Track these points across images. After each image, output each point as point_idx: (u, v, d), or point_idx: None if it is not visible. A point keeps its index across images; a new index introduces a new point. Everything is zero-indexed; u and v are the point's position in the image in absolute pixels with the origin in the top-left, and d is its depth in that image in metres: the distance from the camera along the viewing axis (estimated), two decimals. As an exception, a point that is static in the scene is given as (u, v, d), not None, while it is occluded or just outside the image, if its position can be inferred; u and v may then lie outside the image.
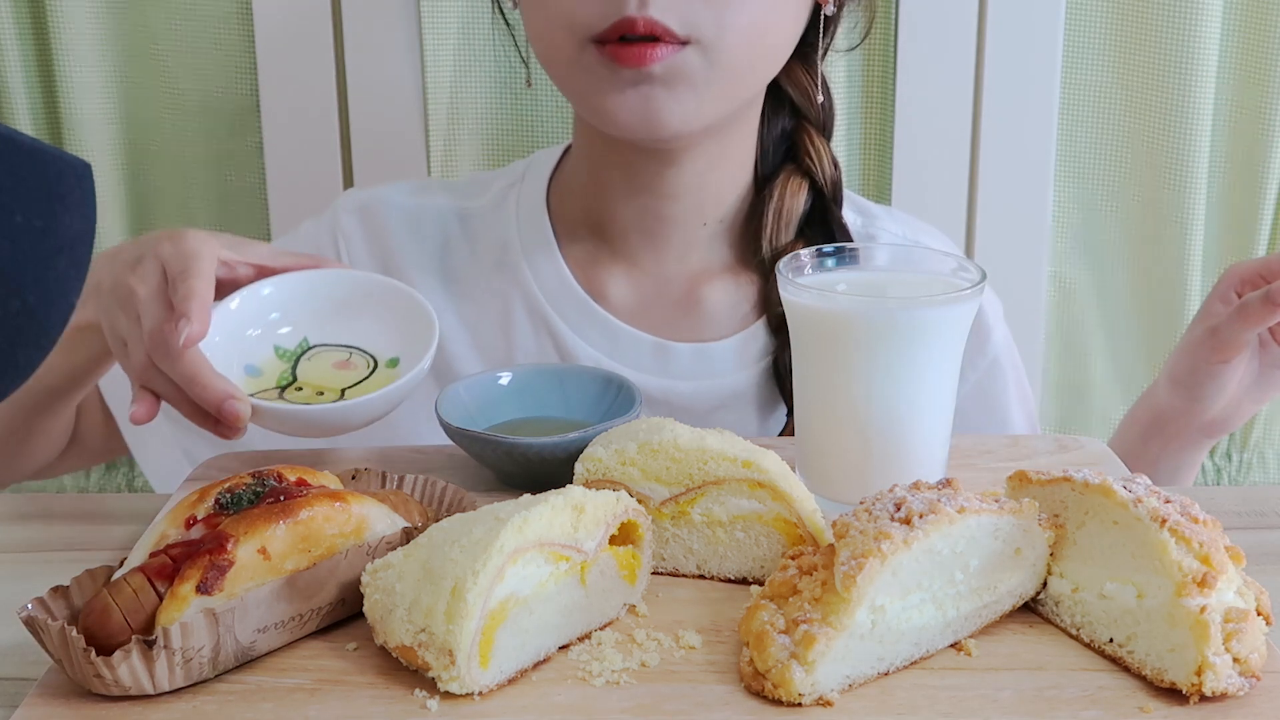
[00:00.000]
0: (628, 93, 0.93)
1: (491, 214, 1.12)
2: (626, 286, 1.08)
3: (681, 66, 0.92)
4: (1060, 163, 1.42)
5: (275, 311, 0.89)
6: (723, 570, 0.76)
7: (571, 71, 0.95)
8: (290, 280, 0.89)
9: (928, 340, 0.79)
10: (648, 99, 0.93)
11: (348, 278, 0.92)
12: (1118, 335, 1.47)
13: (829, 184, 1.08)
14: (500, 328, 1.09)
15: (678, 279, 1.08)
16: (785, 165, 1.08)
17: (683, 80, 0.92)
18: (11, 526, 0.88)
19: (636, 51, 0.90)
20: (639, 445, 0.75)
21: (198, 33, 1.38)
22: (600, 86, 0.94)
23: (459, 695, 0.63)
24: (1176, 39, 1.34)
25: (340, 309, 0.90)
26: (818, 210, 1.08)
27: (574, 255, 1.09)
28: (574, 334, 1.07)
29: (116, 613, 0.63)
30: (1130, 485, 0.68)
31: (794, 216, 1.06)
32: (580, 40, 0.93)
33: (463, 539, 0.64)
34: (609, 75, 0.92)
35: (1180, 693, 0.63)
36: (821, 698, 0.63)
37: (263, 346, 0.88)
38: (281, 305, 0.89)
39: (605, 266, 1.08)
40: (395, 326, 0.89)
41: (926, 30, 1.36)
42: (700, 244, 1.08)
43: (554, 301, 1.08)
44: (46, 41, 1.39)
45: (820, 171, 1.07)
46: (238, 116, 1.42)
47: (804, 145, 1.07)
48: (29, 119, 1.41)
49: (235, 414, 0.80)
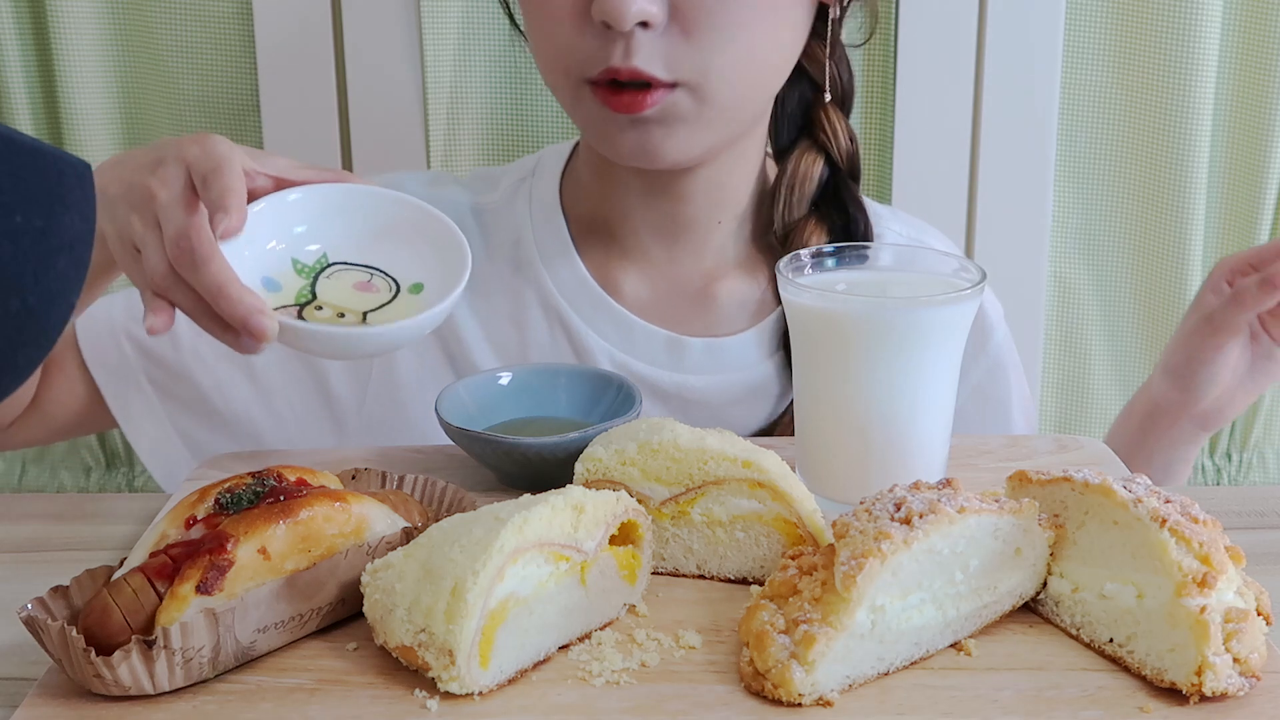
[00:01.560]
0: (626, 132, 0.95)
1: (504, 210, 1.11)
2: (640, 282, 1.08)
3: (674, 108, 0.93)
4: (1060, 163, 1.42)
5: (301, 225, 0.84)
6: (723, 570, 0.76)
7: (573, 107, 0.97)
8: (318, 192, 0.85)
9: (928, 340, 0.79)
10: (644, 137, 0.95)
11: (378, 195, 0.87)
12: (1118, 335, 1.47)
13: (845, 158, 1.07)
14: (514, 322, 1.09)
15: (692, 275, 1.08)
16: (801, 139, 1.08)
17: (677, 119, 0.94)
18: (11, 526, 0.88)
19: (628, 100, 0.92)
20: (639, 445, 0.75)
21: (198, 33, 1.38)
22: (599, 124, 0.96)
23: (459, 695, 0.63)
24: (1176, 39, 1.34)
25: (365, 227, 0.86)
26: (833, 185, 1.07)
27: (588, 252, 1.09)
28: (588, 328, 1.07)
29: (116, 613, 0.63)
30: (1130, 485, 0.68)
31: (808, 191, 1.06)
32: (576, 81, 0.94)
33: (463, 539, 0.64)
34: (606, 116, 0.94)
35: (1180, 693, 0.63)
36: (821, 698, 0.63)
37: (282, 260, 0.83)
38: (308, 217, 0.84)
39: (619, 263, 1.08)
40: (423, 252, 0.85)
41: (926, 30, 1.36)
42: (715, 241, 1.08)
43: (569, 297, 1.08)
44: (46, 41, 1.39)
45: (836, 146, 1.07)
46: (238, 116, 1.42)
47: (820, 119, 1.07)
48: (29, 119, 1.41)
49: (262, 329, 0.76)
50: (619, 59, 0.90)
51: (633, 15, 0.88)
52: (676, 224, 1.06)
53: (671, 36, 0.91)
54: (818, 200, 1.07)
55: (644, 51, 0.90)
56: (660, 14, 0.90)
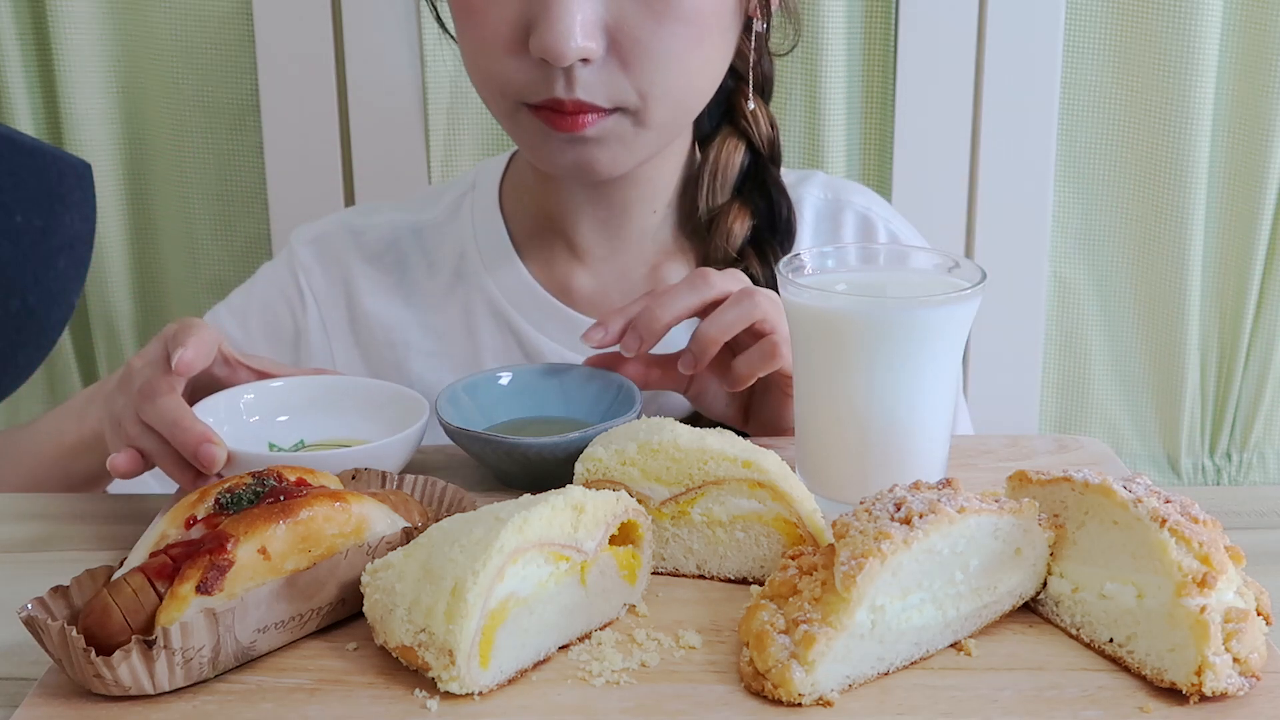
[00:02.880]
0: (565, 150, 0.96)
1: (447, 225, 1.14)
2: (587, 279, 1.11)
3: (612, 129, 0.95)
4: (1060, 163, 1.42)
5: (283, 414, 0.92)
6: (723, 570, 0.76)
7: (510, 125, 0.99)
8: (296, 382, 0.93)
9: (927, 340, 0.79)
10: (582, 154, 0.96)
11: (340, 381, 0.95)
12: (1118, 335, 1.47)
13: (766, 143, 1.10)
14: (465, 333, 1.11)
15: (636, 266, 1.10)
16: (723, 126, 1.10)
17: (614, 139, 0.96)
18: (11, 526, 0.88)
19: (569, 121, 0.94)
20: (639, 445, 0.75)
21: (198, 33, 1.38)
22: (536, 142, 0.97)
23: (459, 695, 0.63)
24: (1176, 39, 1.34)
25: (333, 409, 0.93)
26: (755, 170, 1.10)
27: (532, 256, 1.11)
28: (537, 332, 1.09)
29: (116, 613, 0.63)
30: (1130, 485, 0.68)
31: (730, 176, 1.08)
32: (513, 103, 0.96)
33: (463, 539, 0.64)
34: (544, 135, 0.96)
35: (1180, 693, 0.63)
36: (821, 698, 0.63)
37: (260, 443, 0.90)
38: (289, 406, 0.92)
39: (564, 263, 1.11)
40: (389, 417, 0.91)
41: (926, 30, 1.36)
42: (651, 230, 1.10)
43: (516, 303, 1.10)
44: (46, 41, 1.39)
45: (757, 131, 1.09)
46: (238, 116, 1.42)
47: (740, 106, 1.09)
48: (29, 119, 1.41)
49: (211, 457, 0.80)
50: (561, 91, 0.92)
51: (573, 54, 0.89)
52: (616, 216, 1.09)
53: (610, 68, 0.92)
54: (739, 185, 1.09)
55: (584, 82, 0.92)
56: (599, 49, 0.91)
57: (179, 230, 1.47)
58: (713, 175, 1.08)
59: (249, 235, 1.47)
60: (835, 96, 1.38)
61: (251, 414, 0.91)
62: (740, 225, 1.07)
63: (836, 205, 1.14)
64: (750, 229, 1.07)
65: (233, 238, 1.47)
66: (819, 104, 1.38)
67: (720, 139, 1.09)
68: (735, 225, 1.07)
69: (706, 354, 0.90)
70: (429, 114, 1.38)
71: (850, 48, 1.39)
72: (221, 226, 1.47)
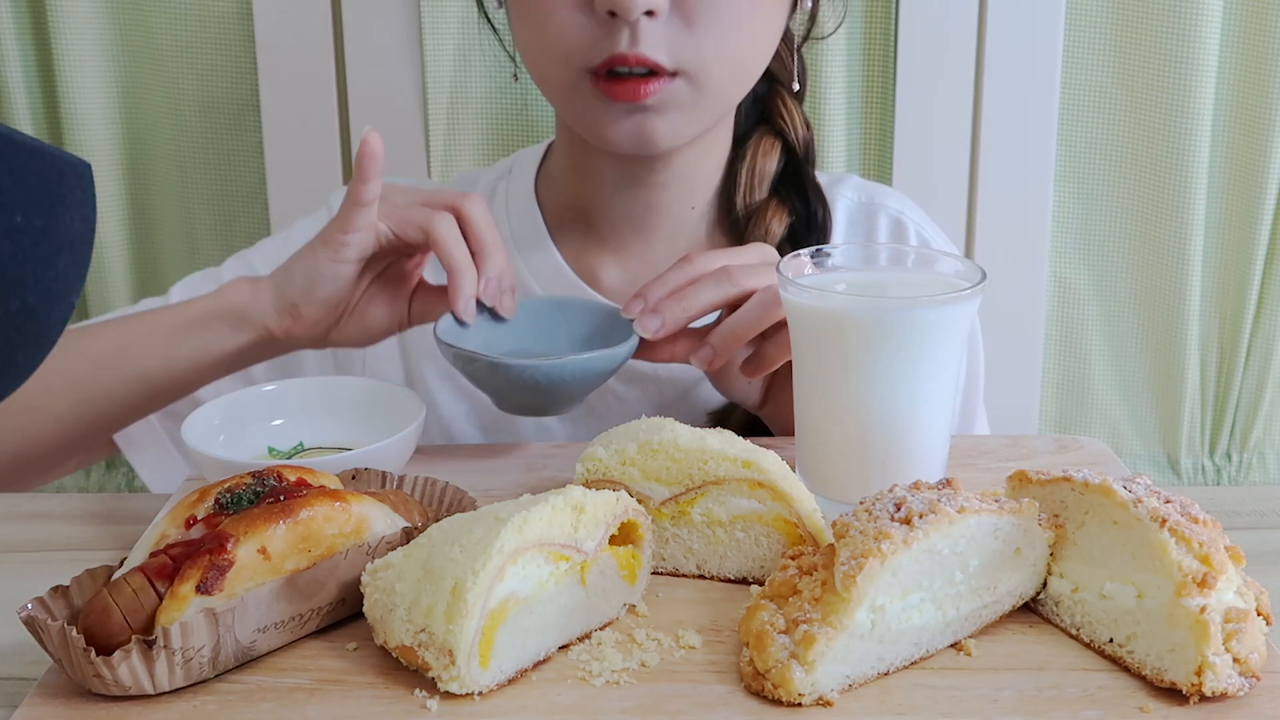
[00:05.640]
0: (622, 121, 0.97)
1: None
2: (618, 270, 1.11)
3: (672, 96, 0.96)
4: (1060, 163, 1.42)
5: (279, 418, 0.93)
6: (723, 570, 0.76)
7: (569, 98, 0.99)
8: (295, 384, 0.94)
9: (927, 340, 0.79)
10: (641, 124, 0.97)
11: (336, 383, 0.96)
12: (1118, 335, 1.47)
13: (801, 144, 1.11)
14: None
15: (667, 260, 1.10)
16: (759, 126, 1.11)
17: (673, 107, 0.97)
18: (11, 526, 0.88)
19: (630, 88, 0.94)
20: (639, 445, 0.75)
21: (198, 33, 1.38)
22: (596, 115, 0.98)
23: (459, 695, 0.63)
24: (1176, 39, 1.34)
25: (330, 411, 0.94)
26: (790, 170, 1.11)
27: (565, 243, 1.12)
28: None
29: (116, 613, 0.63)
30: (1130, 485, 0.68)
31: (766, 175, 1.10)
32: (576, 71, 0.96)
33: (463, 539, 0.64)
34: (605, 106, 0.96)
35: (1180, 693, 0.63)
36: (821, 698, 0.63)
37: (258, 449, 0.91)
38: (285, 409, 0.93)
39: (596, 254, 1.11)
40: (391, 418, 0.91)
41: (927, 29, 1.36)
42: (688, 226, 1.11)
43: (546, 286, 1.11)
44: (46, 41, 1.39)
45: (793, 132, 1.10)
46: (238, 116, 1.42)
47: (778, 107, 1.11)
48: (29, 119, 1.41)
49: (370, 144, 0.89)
50: (625, 45, 0.93)
51: (641, 4, 0.90)
52: (652, 212, 1.09)
53: (673, 25, 0.93)
54: (776, 184, 1.10)
55: (649, 39, 0.93)
56: (665, 3, 0.92)
57: (179, 230, 1.47)
58: (750, 173, 1.09)
59: (249, 235, 1.47)
60: (836, 96, 1.38)
61: (248, 419, 0.91)
62: (778, 223, 1.08)
63: (870, 208, 1.15)
64: (788, 227, 1.09)
65: (233, 238, 1.47)
66: (819, 104, 1.38)
67: (756, 138, 1.10)
68: (773, 223, 1.08)
69: (727, 350, 0.91)
70: (429, 114, 1.38)
71: (850, 47, 1.39)
72: (221, 226, 1.47)
